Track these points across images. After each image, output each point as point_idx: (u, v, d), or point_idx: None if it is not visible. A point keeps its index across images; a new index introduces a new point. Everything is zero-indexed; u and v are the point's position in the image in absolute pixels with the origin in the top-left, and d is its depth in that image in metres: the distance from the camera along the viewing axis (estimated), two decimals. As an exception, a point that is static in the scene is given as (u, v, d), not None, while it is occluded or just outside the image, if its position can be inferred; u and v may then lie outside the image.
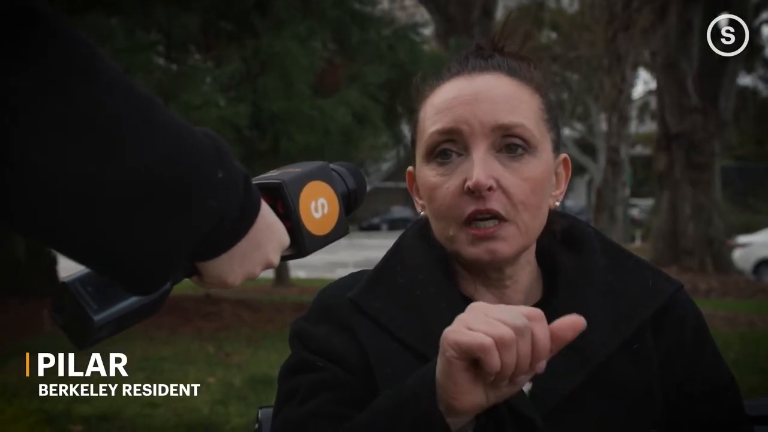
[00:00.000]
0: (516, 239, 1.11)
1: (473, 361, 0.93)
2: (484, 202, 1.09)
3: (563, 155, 1.21)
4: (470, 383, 0.94)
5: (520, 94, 1.15)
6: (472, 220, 1.10)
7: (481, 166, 1.09)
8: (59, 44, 0.66)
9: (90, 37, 0.68)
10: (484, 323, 0.92)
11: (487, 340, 0.90)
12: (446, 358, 0.94)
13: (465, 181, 1.10)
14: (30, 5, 0.64)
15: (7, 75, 0.63)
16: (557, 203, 1.19)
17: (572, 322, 0.94)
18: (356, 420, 1.05)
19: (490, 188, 1.08)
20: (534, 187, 1.12)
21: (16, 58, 0.63)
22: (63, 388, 5.49)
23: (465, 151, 1.12)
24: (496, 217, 1.10)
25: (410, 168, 1.24)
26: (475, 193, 1.08)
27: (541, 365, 0.94)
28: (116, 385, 5.65)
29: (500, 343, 0.91)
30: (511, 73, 1.16)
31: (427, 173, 1.14)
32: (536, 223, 1.14)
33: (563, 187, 1.21)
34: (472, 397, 0.94)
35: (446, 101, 1.14)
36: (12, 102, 0.63)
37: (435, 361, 0.98)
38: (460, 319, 0.95)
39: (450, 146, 1.12)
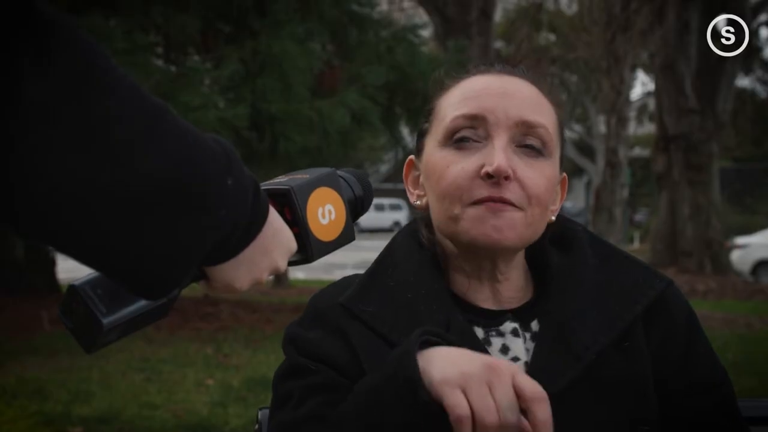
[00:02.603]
0: (522, 229, 1.12)
1: None
2: (499, 189, 1.09)
3: (564, 174, 1.23)
4: None
5: (543, 101, 1.17)
6: (479, 203, 1.11)
7: (503, 153, 1.10)
8: (74, 53, 0.66)
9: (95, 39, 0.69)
10: (479, 397, 0.92)
11: (466, 417, 0.91)
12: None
13: (482, 166, 1.10)
14: (49, 15, 0.65)
15: (20, 84, 0.64)
16: (552, 218, 1.20)
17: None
18: (343, 403, 1.06)
19: (507, 177, 1.09)
20: (547, 186, 1.13)
21: (34, 67, 0.64)
22: (62, 388, 5.50)
23: (485, 139, 1.12)
24: (507, 204, 1.10)
25: (411, 157, 1.25)
26: (493, 177, 1.09)
27: None
28: (115, 386, 5.67)
29: (480, 425, 0.91)
30: (535, 82, 1.19)
31: (441, 155, 1.15)
32: (541, 222, 1.15)
33: (558, 205, 1.22)
34: None
35: (473, 90, 1.16)
36: (25, 111, 0.64)
37: (420, 330, 1.00)
38: (463, 367, 0.94)
39: (470, 133, 1.13)
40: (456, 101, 1.16)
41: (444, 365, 0.95)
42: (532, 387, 0.93)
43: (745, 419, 1.22)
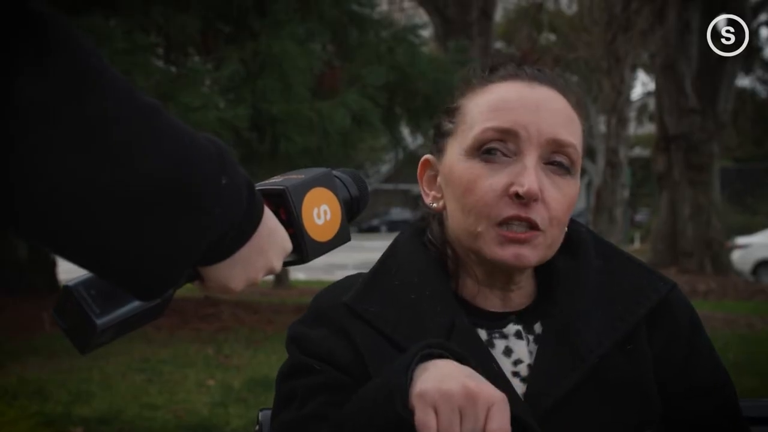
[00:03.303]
0: (542, 250, 1.12)
1: None
2: (527, 210, 1.08)
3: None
4: None
5: (573, 116, 1.15)
6: (505, 222, 1.10)
7: (534, 174, 1.08)
8: (71, 53, 0.66)
9: (89, 39, 0.69)
10: (446, 422, 0.93)
11: None
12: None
13: (510, 184, 1.09)
14: (43, 15, 0.65)
15: (19, 84, 0.64)
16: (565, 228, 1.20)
17: None
18: (340, 414, 1.06)
19: (535, 199, 1.08)
20: (569, 206, 1.13)
21: (29, 67, 0.64)
22: (63, 389, 5.50)
23: (514, 155, 1.11)
24: (531, 226, 1.10)
25: (428, 156, 1.23)
26: (523, 199, 1.08)
27: None
28: (116, 387, 5.66)
29: None
30: (565, 93, 1.16)
31: (467, 166, 1.13)
32: (559, 240, 1.15)
33: None
34: None
35: (506, 101, 1.13)
36: (23, 112, 0.64)
37: (424, 343, 1.00)
38: (443, 385, 0.95)
39: (499, 146, 1.11)
40: (486, 109, 1.14)
41: (427, 378, 0.96)
42: (498, 427, 0.92)
43: (746, 419, 1.22)
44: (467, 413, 0.92)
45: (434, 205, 1.20)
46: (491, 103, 1.14)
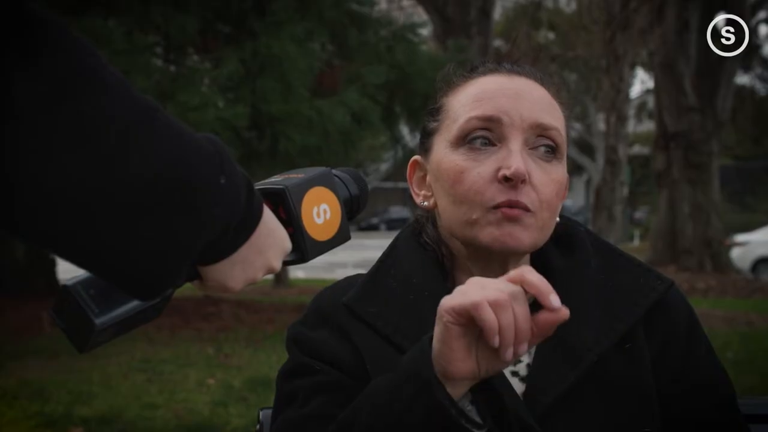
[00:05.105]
0: (534, 233, 1.12)
1: (471, 329, 0.95)
2: (516, 193, 1.10)
3: (566, 175, 1.23)
4: (464, 350, 0.95)
5: (554, 103, 1.18)
6: (497, 207, 1.10)
7: (519, 156, 1.10)
8: (67, 53, 0.66)
9: (88, 39, 0.69)
10: (479, 288, 0.94)
11: (479, 298, 0.93)
12: (443, 325, 0.96)
13: (498, 169, 1.10)
14: (39, 15, 0.65)
15: (15, 84, 0.63)
16: (557, 219, 1.20)
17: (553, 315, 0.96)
18: (357, 399, 1.05)
19: (523, 181, 1.09)
20: (558, 191, 1.14)
21: (24, 67, 0.64)
22: (63, 389, 5.50)
23: (499, 142, 1.12)
24: (521, 208, 1.11)
25: (416, 157, 1.24)
26: (511, 181, 1.09)
27: (523, 348, 0.95)
28: (117, 387, 5.67)
29: (494, 304, 0.93)
30: (544, 83, 1.19)
31: (454, 158, 1.14)
32: (550, 225, 1.16)
33: (560, 206, 1.22)
34: (465, 364, 0.96)
35: (487, 91, 1.15)
36: (19, 111, 0.64)
37: (430, 335, 1.00)
38: (458, 289, 0.97)
39: (485, 134, 1.13)
40: (468, 102, 1.16)
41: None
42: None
43: (745, 417, 1.21)
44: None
45: (425, 203, 1.21)
46: (473, 95, 1.16)
